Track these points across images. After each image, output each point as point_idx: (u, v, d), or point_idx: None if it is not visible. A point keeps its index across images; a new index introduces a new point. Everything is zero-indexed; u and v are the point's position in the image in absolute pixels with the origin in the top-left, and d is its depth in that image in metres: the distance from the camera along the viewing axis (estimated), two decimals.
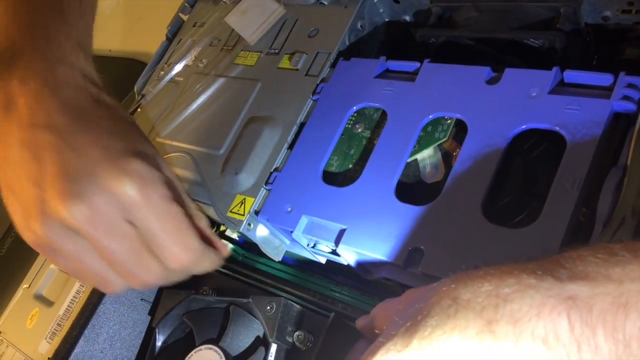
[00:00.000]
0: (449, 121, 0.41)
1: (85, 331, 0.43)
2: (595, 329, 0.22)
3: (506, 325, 0.23)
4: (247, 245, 0.49)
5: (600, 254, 0.24)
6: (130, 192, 0.34)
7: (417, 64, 0.43)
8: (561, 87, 0.38)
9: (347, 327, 0.38)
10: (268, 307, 0.39)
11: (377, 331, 0.32)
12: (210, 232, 0.40)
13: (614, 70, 0.36)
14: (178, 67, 0.56)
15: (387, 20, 0.51)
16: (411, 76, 0.43)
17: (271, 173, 0.44)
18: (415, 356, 0.25)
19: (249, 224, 0.43)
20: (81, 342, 0.43)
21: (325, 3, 0.51)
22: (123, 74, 0.75)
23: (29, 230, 0.35)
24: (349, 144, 0.45)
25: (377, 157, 0.41)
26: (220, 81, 0.52)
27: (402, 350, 0.25)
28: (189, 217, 0.37)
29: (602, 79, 0.36)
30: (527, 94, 0.38)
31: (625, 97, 0.34)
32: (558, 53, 0.41)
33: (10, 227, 0.67)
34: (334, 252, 0.41)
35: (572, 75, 0.37)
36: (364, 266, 0.40)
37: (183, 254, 0.36)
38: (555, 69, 0.38)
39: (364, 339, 0.35)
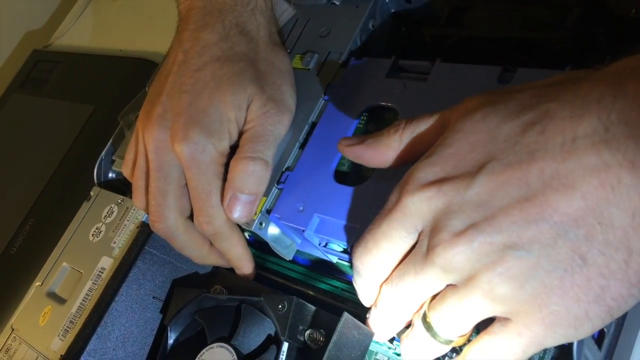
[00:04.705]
0: None
1: (98, 329, 0.43)
2: None
3: None
4: (258, 244, 0.50)
5: None
6: (182, 154, 0.42)
7: (429, 64, 0.43)
8: None
9: (358, 327, 0.38)
10: (279, 306, 0.39)
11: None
12: (240, 251, 0.46)
13: None
14: None
15: (398, 19, 0.51)
16: (423, 75, 0.43)
17: (283, 172, 0.45)
18: None
19: (261, 223, 0.44)
20: (93, 339, 0.43)
21: (337, 3, 0.51)
22: (133, 74, 0.75)
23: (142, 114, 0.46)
24: None
25: None
26: None
27: None
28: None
29: None
30: None
31: None
32: (571, 53, 0.41)
33: (22, 225, 0.67)
34: (345, 252, 0.41)
35: None
36: None
37: (204, 222, 0.43)
38: (568, 68, 0.37)
39: None
